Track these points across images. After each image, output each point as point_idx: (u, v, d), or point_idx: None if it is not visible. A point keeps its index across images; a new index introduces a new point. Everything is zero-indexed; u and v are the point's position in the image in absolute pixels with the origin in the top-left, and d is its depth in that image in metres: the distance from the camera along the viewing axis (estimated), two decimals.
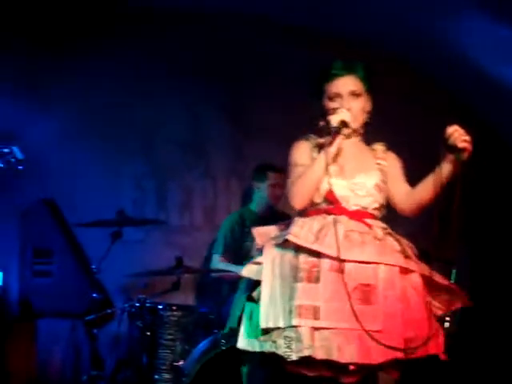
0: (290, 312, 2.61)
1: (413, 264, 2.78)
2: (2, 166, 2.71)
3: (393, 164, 2.98)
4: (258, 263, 2.81)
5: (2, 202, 5.20)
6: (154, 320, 4.39)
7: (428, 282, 2.79)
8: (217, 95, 5.85)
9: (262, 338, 2.68)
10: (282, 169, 4.67)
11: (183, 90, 5.79)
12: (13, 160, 2.74)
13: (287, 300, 2.65)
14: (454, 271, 4.73)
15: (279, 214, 4.80)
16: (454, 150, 2.62)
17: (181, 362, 4.19)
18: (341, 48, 5.35)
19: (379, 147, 3.02)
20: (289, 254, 2.74)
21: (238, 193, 5.81)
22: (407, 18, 5.16)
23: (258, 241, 2.94)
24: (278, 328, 2.63)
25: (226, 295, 4.89)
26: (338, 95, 2.89)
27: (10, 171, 2.70)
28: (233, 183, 5.85)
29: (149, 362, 4.34)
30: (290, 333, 2.59)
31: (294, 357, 2.56)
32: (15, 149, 2.74)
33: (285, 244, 2.76)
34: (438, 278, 2.82)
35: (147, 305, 4.42)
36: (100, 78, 5.60)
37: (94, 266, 4.71)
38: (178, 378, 4.13)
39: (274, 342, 2.63)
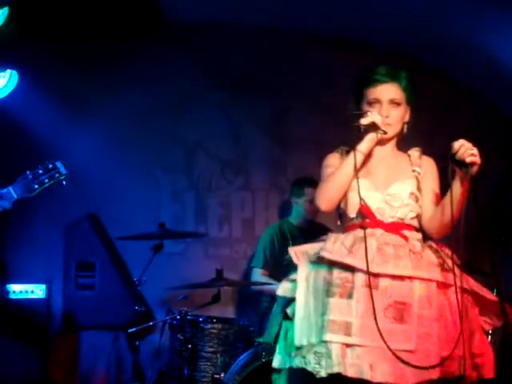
0: (322, 327, 2.59)
1: (452, 278, 2.67)
2: (47, 182, 2.73)
3: (428, 171, 2.92)
4: (293, 280, 2.81)
5: (47, 217, 5.28)
6: (194, 332, 4.36)
7: (474, 296, 2.74)
8: (256, 110, 5.86)
9: (293, 353, 2.67)
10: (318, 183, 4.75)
11: (223, 106, 5.84)
12: (57, 175, 2.74)
13: (320, 315, 2.63)
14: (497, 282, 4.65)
15: (318, 226, 4.80)
16: (463, 164, 2.57)
17: (222, 375, 4.14)
18: (377, 59, 5.19)
19: (415, 153, 2.96)
20: (323, 270, 2.72)
21: (276, 205, 5.82)
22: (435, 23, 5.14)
23: (295, 259, 2.88)
24: (310, 343, 2.61)
25: (266, 308, 4.82)
26: (378, 101, 2.85)
27: (54, 186, 2.74)
28: (271, 196, 5.86)
29: (190, 374, 4.30)
30: (320, 348, 2.57)
31: (323, 373, 2.53)
32: (59, 164, 2.76)
33: (319, 260, 2.73)
34: (483, 291, 2.75)
35: (188, 317, 4.39)
36: (143, 97, 5.66)
37: (135, 279, 4.73)
38: None
39: (304, 357, 2.61)
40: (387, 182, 2.85)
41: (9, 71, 5.08)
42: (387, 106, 2.84)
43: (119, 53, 5.64)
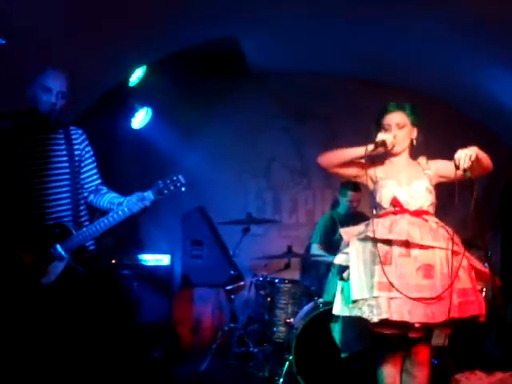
0: (372, 287, 2.57)
1: (460, 248, 2.69)
2: (172, 188, 2.76)
3: (435, 167, 2.86)
4: (346, 253, 2.78)
5: (170, 210, 5.28)
6: (272, 290, 4.40)
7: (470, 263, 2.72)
8: (315, 132, 5.81)
9: (351, 305, 2.62)
10: (357, 188, 4.66)
11: (289, 130, 5.83)
12: (178, 184, 2.76)
13: (369, 278, 2.61)
14: (489, 255, 4.56)
15: (359, 215, 4.70)
16: (463, 170, 2.54)
17: (291, 319, 4.17)
18: (399, 96, 5.20)
19: (422, 160, 2.91)
20: (368, 245, 2.69)
21: (330, 200, 5.74)
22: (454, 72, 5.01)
23: (345, 237, 2.86)
24: (363, 298, 2.58)
25: (324, 273, 4.68)
26: (389, 125, 2.84)
27: (176, 191, 2.77)
28: (326, 193, 5.78)
29: (269, 318, 4.35)
30: (371, 302, 2.56)
31: (376, 319, 2.53)
32: (180, 176, 2.76)
33: (365, 238, 2.71)
34: (475, 262, 2.75)
35: (268, 279, 4.47)
36: (235, 123, 5.71)
37: (231, 252, 4.86)
38: (289, 331, 4.10)
39: (360, 308, 2.58)
40: (408, 181, 2.82)
41: (145, 108, 5.30)
42: (395, 128, 2.84)
43: (218, 92, 5.67)
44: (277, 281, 4.42)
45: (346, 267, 2.75)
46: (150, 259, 4.97)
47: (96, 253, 2.90)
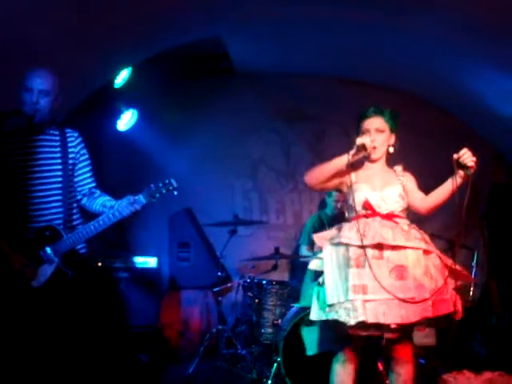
0: (347, 290, 2.60)
1: (432, 247, 2.73)
2: (164, 192, 2.77)
3: (409, 179, 2.91)
4: (320, 258, 2.81)
5: (157, 211, 5.12)
6: (260, 291, 4.40)
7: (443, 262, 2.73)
8: (302, 134, 5.84)
9: (327, 309, 2.65)
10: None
11: (278, 131, 5.81)
12: (171, 187, 2.77)
13: (344, 281, 2.64)
14: (475, 254, 4.61)
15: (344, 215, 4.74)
16: (463, 167, 2.59)
17: (279, 321, 4.19)
18: (382, 95, 5.22)
19: (398, 168, 2.95)
20: (342, 249, 2.72)
21: (317, 201, 5.75)
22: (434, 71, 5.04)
23: (318, 242, 2.89)
24: (339, 302, 2.61)
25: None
26: (368, 130, 2.86)
27: (168, 194, 2.77)
28: (314, 195, 5.74)
29: (257, 320, 4.35)
30: (347, 305, 2.59)
31: (353, 322, 2.56)
32: (172, 180, 2.78)
33: (338, 243, 2.74)
34: (449, 261, 2.74)
35: (255, 281, 4.46)
36: (221, 125, 5.68)
37: (218, 253, 4.80)
38: (277, 332, 4.11)
39: (337, 312, 2.61)
40: (382, 186, 2.85)
41: (131, 110, 5.26)
42: (374, 132, 2.86)
43: (204, 93, 5.67)
44: (264, 282, 4.42)
45: (322, 272, 2.78)
46: (138, 262, 4.96)
47: (87, 256, 2.88)
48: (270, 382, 3.90)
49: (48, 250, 2.72)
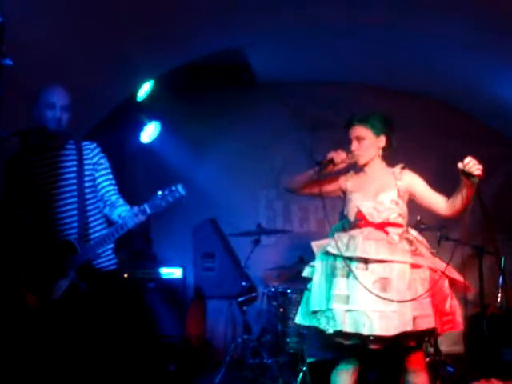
0: (329, 299, 2.63)
1: (421, 260, 2.68)
2: (171, 200, 2.61)
3: (412, 182, 2.85)
4: (312, 266, 2.85)
5: (181, 222, 5.31)
6: (284, 300, 4.38)
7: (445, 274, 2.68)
8: (325, 141, 5.49)
9: (311, 316, 2.72)
10: None
11: (301, 139, 5.74)
12: (177, 195, 2.60)
13: (328, 290, 2.67)
14: (503, 259, 4.50)
15: None
16: (469, 175, 2.54)
17: (304, 330, 4.10)
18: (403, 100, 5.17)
19: (396, 169, 2.91)
20: (330, 259, 2.76)
21: (340, 208, 5.63)
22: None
23: (314, 249, 2.93)
24: (321, 310, 2.65)
25: None
26: (351, 139, 2.91)
27: (177, 203, 2.59)
28: (337, 202, 5.66)
29: (282, 329, 4.34)
30: (328, 313, 2.62)
31: (331, 330, 2.60)
32: (179, 186, 2.60)
33: (327, 252, 2.78)
34: (449, 271, 2.70)
35: (280, 290, 4.45)
36: (245, 135, 5.70)
37: (242, 263, 4.84)
38: (302, 341, 4.10)
39: (318, 319, 2.66)
40: (375, 193, 2.84)
41: (154, 122, 5.36)
42: (354, 141, 2.90)
43: (226, 104, 5.68)
44: (289, 291, 4.40)
45: (311, 279, 2.81)
46: (163, 272, 4.96)
47: (116, 268, 2.89)
48: None
49: (64, 264, 2.72)
